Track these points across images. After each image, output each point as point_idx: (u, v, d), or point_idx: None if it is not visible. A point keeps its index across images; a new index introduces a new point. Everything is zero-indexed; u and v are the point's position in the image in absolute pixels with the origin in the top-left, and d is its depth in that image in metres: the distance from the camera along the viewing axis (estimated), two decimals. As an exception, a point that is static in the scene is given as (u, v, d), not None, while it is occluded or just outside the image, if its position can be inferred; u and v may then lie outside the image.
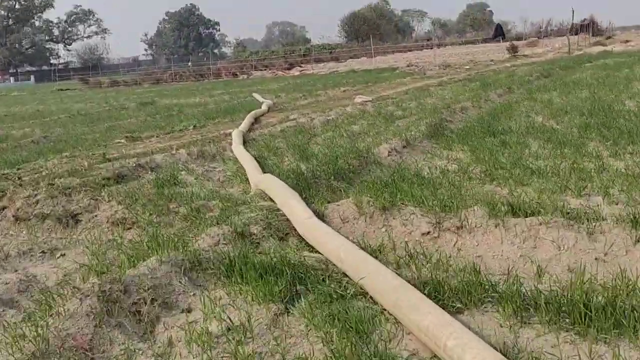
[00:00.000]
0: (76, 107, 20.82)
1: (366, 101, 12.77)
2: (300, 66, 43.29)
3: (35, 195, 4.59)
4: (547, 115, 8.53)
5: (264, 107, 13.36)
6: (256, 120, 11.34)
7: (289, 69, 42.41)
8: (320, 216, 3.64)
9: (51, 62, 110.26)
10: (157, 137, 9.79)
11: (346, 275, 2.80)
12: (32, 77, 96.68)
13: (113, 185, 5.65)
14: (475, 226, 3.29)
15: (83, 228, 4.17)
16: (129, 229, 4.01)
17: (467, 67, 26.34)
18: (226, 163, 6.87)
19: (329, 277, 2.78)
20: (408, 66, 30.59)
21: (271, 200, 4.16)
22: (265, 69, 44.45)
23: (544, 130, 7.23)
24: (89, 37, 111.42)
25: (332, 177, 5.13)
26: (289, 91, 19.75)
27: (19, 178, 5.55)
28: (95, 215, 4.25)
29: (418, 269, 2.95)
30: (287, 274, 2.80)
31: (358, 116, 10.32)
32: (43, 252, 3.63)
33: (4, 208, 4.56)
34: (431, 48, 58.89)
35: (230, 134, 9.21)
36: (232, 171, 6.27)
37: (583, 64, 20.83)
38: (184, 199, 4.38)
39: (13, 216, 4.36)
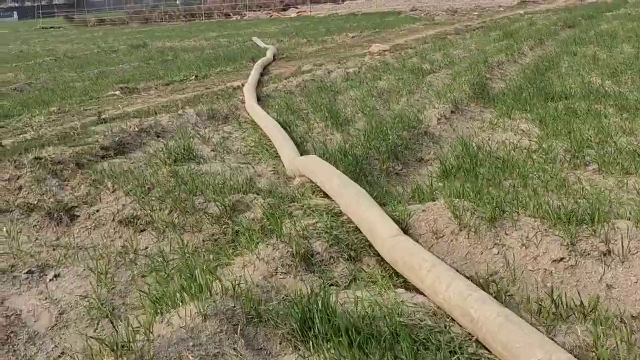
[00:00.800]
0: (62, 49, 19.35)
1: (384, 50, 11.63)
2: (297, 7, 41.24)
3: (18, 177, 3.61)
4: (600, 74, 7.53)
5: (269, 55, 12.18)
6: (264, 70, 10.23)
7: (284, 10, 40.39)
8: (404, 227, 2.71)
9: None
10: (155, 88, 8.69)
11: (480, 343, 1.89)
12: (15, 14, 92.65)
13: (114, 157, 4.67)
14: (630, 251, 2.39)
15: (81, 227, 3.22)
16: (142, 230, 3.07)
17: (476, 13, 24.93)
18: (243, 127, 5.87)
19: (456, 348, 1.86)
20: (412, 10, 29.05)
21: (325, 195, 3.21)
22: (259, 10, 42.35)
23: (608, 94, 6.27)
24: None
25: (387, 156, 4.17)
26: (291, 35, 18.42)
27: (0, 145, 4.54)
28: (97, 211, 3.29)
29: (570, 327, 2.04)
30: (386, 336, 1.90)
31: (381, 69, 9.25)
32: (30, 271, 2.69)
33: (-23, 195, 3.59)
34: (430, -9, 56.67)
35: (238, 88, 8.16)
36: (254, 140, 5.28)
37: (603, 12, 19.56)
38: (209, 188, 3.42)
39: (-11, 207, 3.40)
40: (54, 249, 2.94)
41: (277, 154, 4.68)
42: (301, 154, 4.45)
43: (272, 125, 5.32)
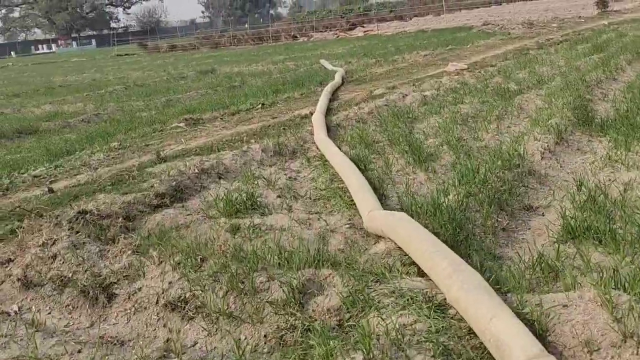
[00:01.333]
0: (133, 77, 19.65)
1: (461, 69, 10.79)
2: (363, 26, 40.83)
3: (54, 241, 3.11)
4: None
5: (337, 78, 11.60)
6: (333, 95, 9.64)
7: (350, 29, 40.05)
8: (539, 331, 1.94)
9: (111, 26, 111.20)
10: (221, 119, 8.25)
11: None
12: (94, 42, 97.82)
13: (169, 205, 4.13)
14: None
15: (120, 311, 2.66)
16: (190, 319, 2.46)
17: (555, 25, 23.50)
18: (312, 164, 5.24)
19: None
20: (485, 25, 27.85)
21: (419, 270, 2.49)
22: (325, 30, 42.26)
23: None
24: None
25: (489, 207, 3.40)
26: (359, 56, 17.84)
27: (43, 203, 4.09)
28: (139, 289, 2.71)
29: None
30: None
31: (461, 91, 8.44)
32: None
33: (9, 261, 3.11)
34: (499, 4, 54.93)
35: (306, 117, 7.59)
36: (324, 181, 4.65)
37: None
38: (273, 257, 2.78)
39: (19, 279, 2.90)
40: (83, 343, 2.36)
41: (351, 200, 4.00)
42: (381, 201, 3.76)
43: (345, 164, 4.66)
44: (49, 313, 2.66)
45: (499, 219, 3.36)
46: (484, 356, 1.90)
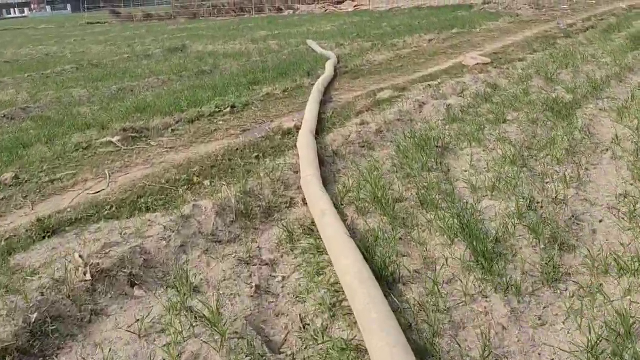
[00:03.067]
0: (93, 52, 17.20)
1: (484, 63, 8.69)
2: (353, 0, 38.28)
3: None
4: None
5: (329, 69, 9.44)
6: (325, 93, 7.49)
7: (340, 2, 37.47)
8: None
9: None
10: (173, 130, 6.08)
11: None
12: (69, 7, 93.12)
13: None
14: None
15: None
16: None
17: (566, 7, 21.42)
18: (297, 247, 3.16)
19: None
20: (486, 3, 25.65)
21: None
22: (313, 3, 39.59)
23: None
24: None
25: None
26: (351, 36, 15.59)
27: None
28: None
29: None
30: None
31: (494, 98, 6.38)
32: None
33: None
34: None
35: (289, 133, 5.51)
36: (320, 303, 2.56)
37: None
38: None
39: None
40: None
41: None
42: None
43: (355, 267, 2.57)
44: None
45: None
46: None
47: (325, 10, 33.64)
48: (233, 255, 3.03)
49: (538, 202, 3.49)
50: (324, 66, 10.21)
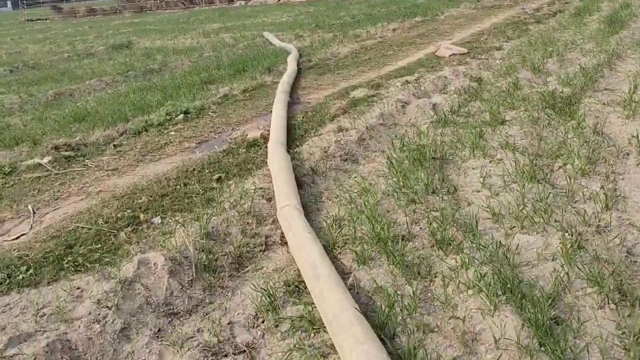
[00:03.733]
0: (30, 52, 15.82)
1: (459, 54, 8.01)
2: (306, -11, 37.23)
3: None
4: None
5: (291, 64, 8.60)
6: (290, 92, 6.65)
7: (293, -8, 36.40)
8: None
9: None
10: (115, 147, 5.14)
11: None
12: (9, 4, 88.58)
13: None
14: None
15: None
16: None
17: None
18: (285, 326, 2.33)
19: None
20: (443, -10, 25.07)
21: None
22: (264, -7, 38.40)
23: None
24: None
25: None
26: (310, 27, 14.75)
27: None
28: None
29: None
30: None
31: (483, 94, 5.68)
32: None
33: None
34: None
35: (255, 143, 4.69)
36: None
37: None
38: None
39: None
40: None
41: None
42: None
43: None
44: None
45: None
46: None
47: (279, 1, 32.60)
48: (195, 340, 2.19)
49: (580, 234, 2.76)
50: (284, 61, 9.36)
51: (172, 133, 5.42)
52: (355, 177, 3.86)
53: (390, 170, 3.79)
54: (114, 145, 5.09)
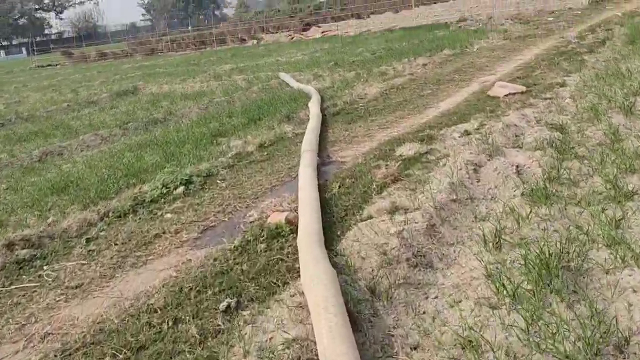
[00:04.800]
0: (31, 101, 14.81)
1: (517, 93, 6.67)
2: (319, 26, 36.57)
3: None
4: None
5: (313, 110, 7.36)
6: (319, 143, 5.32)
7: (305, 29, 35.70)
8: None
9: (45, 32, 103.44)
10: (88, 242, 3.79)
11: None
12: (24, 50, 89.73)
13: None
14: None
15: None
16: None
17: (550, 18, 19.86)
18: None
19: None
20: (462, 21, 24.08)
21: None
22: (276, 32, 37.82)
23: None
24: (81, 3, 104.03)
25: None
26: (328, 65, 13.57)
27: None
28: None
29: None
30: None
31: (575, 150, 4.28)
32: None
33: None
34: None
35: (280, 232, 3.33)
36: None
37: None
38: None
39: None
40: None
41: None
42: None
43: None
44: None
45: None
46: None
47: (292, 38, 31.79)
48: None
49: None
50: (305, 105, 8.11)
51: (168, 215, 4.08)
52: (444, 307, 2.46)
53: (501, 297, 2.39)
54: (87, 240, 3.75)
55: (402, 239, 3.01)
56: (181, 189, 4.57)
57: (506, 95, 6.61)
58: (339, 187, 4.18)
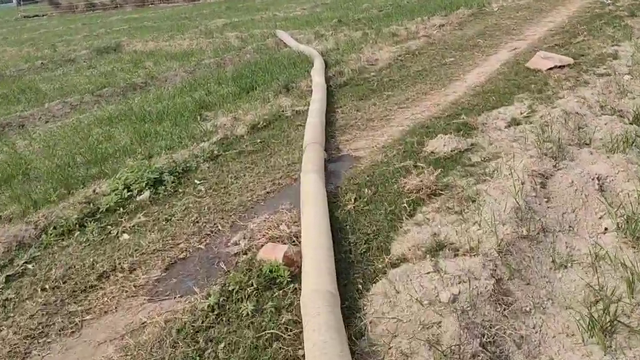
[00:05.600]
0: (5, 58, 13.50)
1: (565, 66, 5.54)
2: (319, -22, 34.56)
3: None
4: None
5: (317, 79, 6.24)
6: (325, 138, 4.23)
7: (305, -18, 33.73)
8: None
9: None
10: (15, 281, 2.74)
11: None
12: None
13: None
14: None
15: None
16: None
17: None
18: None
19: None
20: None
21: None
22: (275, -16, 35.78)
23: None
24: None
25: None
26: (331, 23, 12.23)
27: None
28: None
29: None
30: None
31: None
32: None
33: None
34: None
35: (277, 277, 2.26)
36: None
37: None
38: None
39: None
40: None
41: None
42: None
43: None
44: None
45: None
46: None
47: (290, -9, 29.92)
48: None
49: None
50: (306, 72, 6.97)
51: (125, 237, 3.02)
52: None
53: None
54: (6, 278, 2.70)
55: (460, 315, 1.97)
56: (147, 193, 3.50)
57: (550, 69, 5.47)
58: (355, 200, 3.12)
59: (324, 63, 7.37)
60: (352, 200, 3.11)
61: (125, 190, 3.54)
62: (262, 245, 2.70)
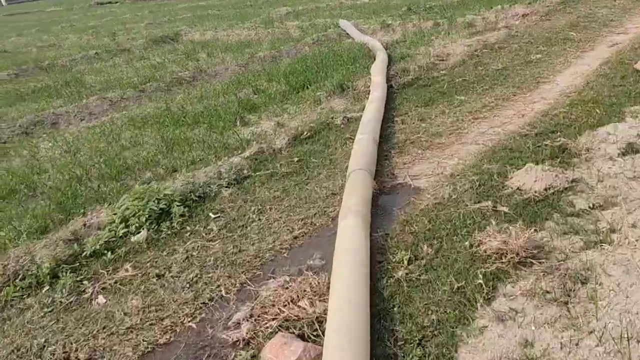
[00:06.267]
0: (65, 46, 13.37)
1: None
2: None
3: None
4: None
5: (377, 79, 5.35)
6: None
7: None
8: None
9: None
10: None
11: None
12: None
13: None
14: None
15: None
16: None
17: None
18: None
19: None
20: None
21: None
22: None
23: None
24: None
25: None
26: (400, 12, 11.22)
27: None
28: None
29: None
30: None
31: None
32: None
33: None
34: None
35: None
36: None
37: None
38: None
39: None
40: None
41: None
42: None
43: None
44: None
45: None
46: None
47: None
48: None
49: None
50: (366, 66, 6.13)
51: (99, 301, 2.29)
52: None
53: None
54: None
55: None
56: (144, 233, 2.76)
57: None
58: (409, 262, 2.25)
59: (386, 58, 6.47)
60: (405, 262, 2.25)
61: (122, 225, 2.83)
62: (271, 333, 1.90)
